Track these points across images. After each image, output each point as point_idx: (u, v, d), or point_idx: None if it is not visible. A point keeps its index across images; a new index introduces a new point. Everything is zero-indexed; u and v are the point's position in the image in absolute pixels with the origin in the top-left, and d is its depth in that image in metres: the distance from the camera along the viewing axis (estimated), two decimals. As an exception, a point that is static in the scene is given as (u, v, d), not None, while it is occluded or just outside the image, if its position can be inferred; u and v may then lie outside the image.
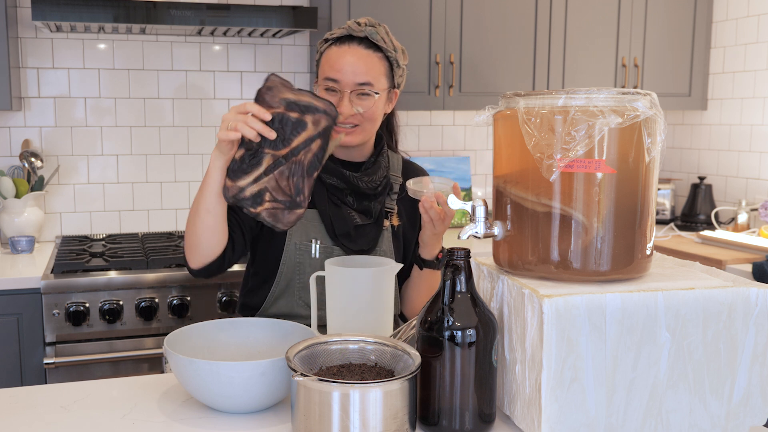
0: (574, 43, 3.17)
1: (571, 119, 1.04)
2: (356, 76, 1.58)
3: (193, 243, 1.51)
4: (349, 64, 1.59)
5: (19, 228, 2.77)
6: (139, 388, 1.30)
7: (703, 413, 1.09)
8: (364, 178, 1.64)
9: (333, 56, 1.61)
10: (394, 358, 1.15)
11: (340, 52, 1.60)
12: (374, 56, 1.61)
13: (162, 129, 3.07)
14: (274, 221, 1.36)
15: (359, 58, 1.59)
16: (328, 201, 1.63)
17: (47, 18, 2.44)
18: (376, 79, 1.60)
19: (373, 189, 1.65)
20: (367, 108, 1.60)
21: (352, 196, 1.64)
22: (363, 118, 1.60)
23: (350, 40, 1.61)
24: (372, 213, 1.65)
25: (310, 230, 1.63)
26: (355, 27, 1.61)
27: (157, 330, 2.45)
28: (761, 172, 3.20)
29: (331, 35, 1.64)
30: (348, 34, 1.61)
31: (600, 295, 1.03)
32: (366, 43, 1.61)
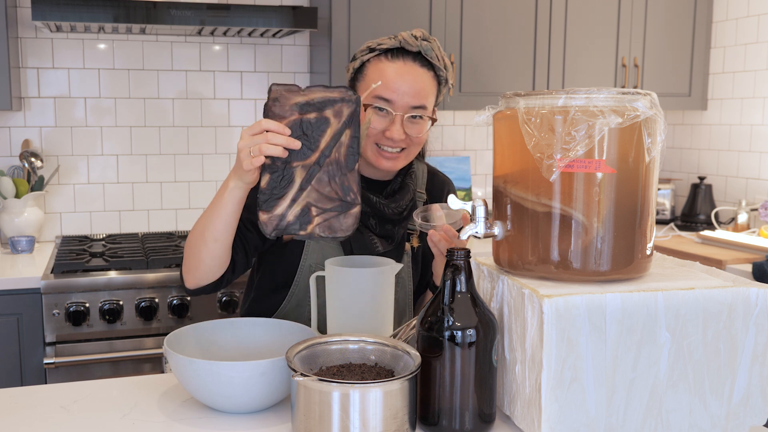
0: (574, 43, 3.17)
1: (571, 119, 1.04)
2: (411, 98, 1.45)
3: (193, 266, 1.41)
4: (406, 84, 1.45)
5: (19, 228, 2.77)
6: (139, 388, 1.30)
7: (703, 413, 1.09)
8: (392, 204, 1.54)
9: (387, 71, 1.46)
10: (394, 358, 1.15)
11: (395, 69, 1.46)
12: (427, 75, 1.48)
13: (162, 129, 3.07)
14: (332, 233, 1.23)
15: (415, 78, 1.46)
16: None
17: (47, 18, 2.44)
18: (428, 100, 1.48)
19: (398, 214, 1.55)
20: (418, 133, 1.48)
21: (375, 219, 1.54)
22: (411, 142, 1.49)
23: (404, 55, 1.47)
24: (395, 238, 1.56)
25: (328, 253, 1.54)
26: (411, 40, 1.47)
27: (157, 330, 2.45)
28: (761, 172, 3.20)
29: (378, 45, 1.49)
30: (400, 47, 1.48)
31: (600, 295, 1.03)
32: (420, 60, 1.47)
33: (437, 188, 1.68)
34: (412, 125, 1.48)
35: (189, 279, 1.43)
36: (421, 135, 1.50)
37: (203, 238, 1.36)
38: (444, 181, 1.71)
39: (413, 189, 1.58)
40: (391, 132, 1.45)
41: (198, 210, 3.15)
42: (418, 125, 1.48)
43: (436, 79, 1.51)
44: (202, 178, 3.14)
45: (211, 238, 1.35)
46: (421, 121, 1.49)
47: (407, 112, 1.46)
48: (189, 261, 1.41)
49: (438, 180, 1.69)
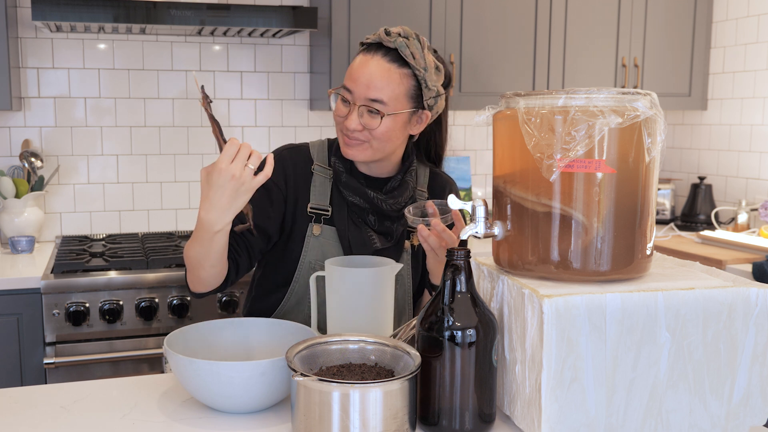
0: (574, 43, 3.17)
1: (571, 119, 1.04)
2: (368, 90, 1.45)
3: (195, 280, 1.46)
4: (365, 76, 1.45)
5: (19, 228, 2.77)
6: (139, 388, 1.30)
7: (703, 413, 1.09)
8: (389, 200, 1.54)
9: (355, 63, 1.49)
10: (394, 358, 1.15)
11: (363, 61, 1.47)
12: (397, 72, 1.46)
13: (162, 129, 3.07)
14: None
15: (378, 71, 1.45)
16: (348, 220, 1.55)
17: (47, 18, 2.44)
18: (391, 97, 1.46)
19: (397, 211, 1.55)
20: (372, 127, 1.47)
21: (374, 216, 1.55)
22: (371, 135, 1.48)
23: (377, 50, 1.48)
24: (393, 235, 1.56)
25: (327, 249, 1.55)
26: (385, 37, 1.47)
27: (157, 330, 2.45)
28: (761, 172, 3.20)
29: (366, 40, 1.52)
30: (378, 42, 1.48)
31: (600, 295, 1.03)
32: (393, 55, 1.47)
33: (439, 187, 1.67)
34: (368, 118, 1.47)
35: (193, 287, 1.49)
36: (378, 129, 1.47)
37: (201, 265, 1.42)
38: (446, 180, 1.71)
39: (412, 186, 1.59)
40: (347, 121, 1.48)
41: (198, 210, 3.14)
42: (374, 119, 1.47)
43: (413, 78, 1.48)
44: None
45: (208, 265, 1.41)
46: (376, 116, 1.47)
47: (363, 103, 1.46)
48: (190, 274, 1.47)
49: (440, 180, 1.68)
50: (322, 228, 1.55)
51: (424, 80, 1.48)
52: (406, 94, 1.48)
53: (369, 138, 1.49)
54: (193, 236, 1.40)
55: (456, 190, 1.73)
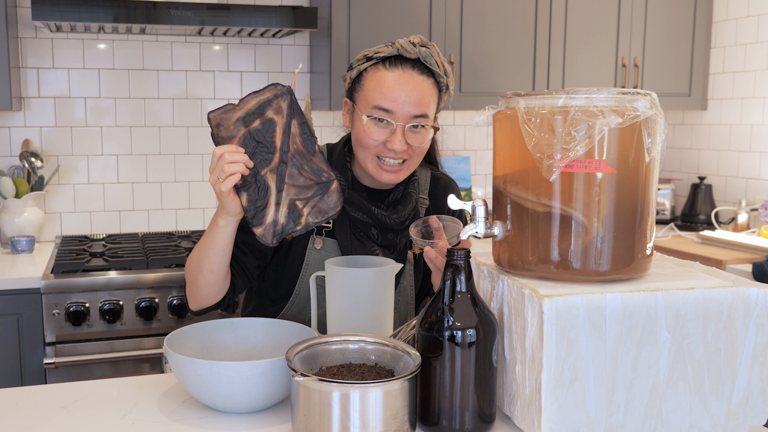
0: (574, 43, 3.17)
1: (571, 119, 1.04)
2: (413, 107, 1.41)
3: (194, 292, 1.45)
4: (406, 93, 1.40)
5: (19, 228, 2.77)
6: (139, 388, 1.30)
7: (703, 413, 1.09)
8: (393, 215, 1.51)
9: (385, 81, 1.41)
10: (394, 358, 1.15)
11: (394, 77, 1.41)
12: (427, 83, 1.44)
13: (162, 129, 3.07)
14: (324, 215, 1.27)
15: (415, 86, 1.41)
16: (350, 234, 1.51)
17: (47, 18, 2.44)
18: (429, 108, 1.44)
19: (401, 224, 1.52)
20: (420, 143, 1.44)
21: (376, 229, 1.52)
22: (413, 152, 1.45)
23: (402, 63, 1.43)
24: (396, 247, 1.54)
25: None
26: (408, 47, 1.43)
27: (157, 330, 2.45)
28: (761, 172, 3.20)
29: (376, 53, 1.45)
30: (398, 54, 1.43)
31: (600, 295, 1.03)
32: (419, 67, 1.43)
33: (440, 193, 1.65)
34: (413, 135, 1.44)
35: (192, 302, 1.49)
36: (423, 145, 1.45)
37: (200, 268, 1.41)
38: (447, 184, 1.68)
39: (415, 198, 1.55)
40: (392, 143, 1.42)
41: (198, 210, 3.15)
42: (420, 135, 1.44)
43: (437, 86, 1.47)
44: (202, 178, 3.14)
45: (207, 269, 1.40)
46: (423, 131, 1.45)
47: (408, 122, 1.42)
48: (190, 287, 1.47)
49: (441, 184, 1.66)
50: (324, 241, 1.52)
51: (446, 86, 1.48)
52: (435, 103, 1.47)
53: (410, 155, 1.45)
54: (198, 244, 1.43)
55: (458, 192, 1.70)
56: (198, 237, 2.96)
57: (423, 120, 1.43)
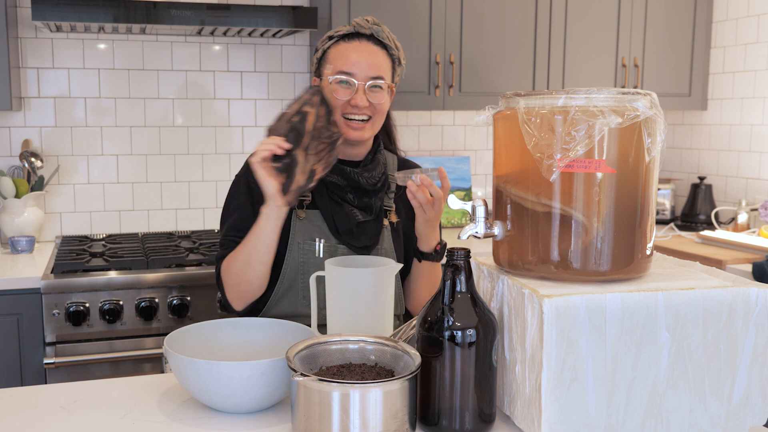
0: (574, 43, 3.17)
1: (571, 119, 1.04)
2: (370, 69, 1.63)
3: (244, 290, 1.57)
4: (364, 58, 1.63)
5: (19, 228, 2.77)
6: (139, 388, 1.30)
7: (703, 413, 1.09)
8: (365, 174, 1.66)
9: (344, 51, 1.65)
10: (394, 358, 1.15)
11: (351, 47, 1.65)
12: (381, 52, 1.66)
13: (162, 129, 3.07)
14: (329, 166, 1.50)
15: (371, 53, 1.65)
16: (329, 199, 1.65)
17: (47, 18, 2.44)
18: (385, 73, 1.65)
19: (373, 185, 1.67)
20: (379, 101, 1.64)
21: (352, 194, 1.66)
22: (375, 110, 1.64)
23: (359, 37, 1.66)
24: (373, 209, 1.67)
25: (313, 230, 1.64)
26: (364, 24, 1.66)
27: (157, 330, 2.45)
28: (761, 172, 3.20)
29: (336, 33, 1.68)
30: (355, 31, 1.66)
31: (600, 295, 1.03)
32: (373, 40, 1.66)
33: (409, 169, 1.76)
34: (372, 93, 1.63)
35: (237, 303, 1.61)
36: (383, 103, 1.65)
37: (249, 263, 1.54)
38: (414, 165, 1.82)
39: (383, 162, 1.72)
40: (355, 100, 1.61)
41: (198, 210, 3.15)
42: (378, 94, 1.64)
43: (390, 58, 1.68)
44: (202, 178, 3.14)
45: (257, 261, 1.53)
46: (381, 91, 1.65)
47: (367, 81, 1.63)
48: (239, 287, 1.58)
49: (408, 165, 1.81)
50: (306, 212, 1.66)
51: (398, 59, 1.70)
52: (389, 70, 1.68)
53: (373, 113, 1.65)
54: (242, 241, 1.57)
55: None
56: (198, 237, 2.96)
57: (380, 81, 1.64)
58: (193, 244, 2.81)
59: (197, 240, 2.89)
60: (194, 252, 2.67)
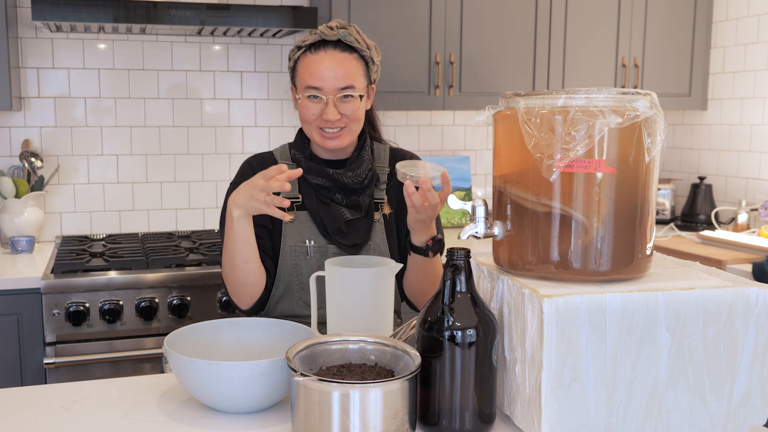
0: (574, 43, 3.17)
1: (571, 119, 1.04)
2: (338, 81, 1.59)
3: (240, 291, 1.59)
4: (329, 70, 1.59)
5: (19, 228, 2.77)
6: (139, 388, 1.30)
7: (703, 413, 1.09)
8: (348, 173, 1.65)
9: (311, 64, 1.60)
10: (394, 358, 1.15)
11: (317, 59, 1.60)
12: (350, 58, 1.62)
13: (162, 129, 3.07)
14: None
15: (338, 62, 1.60)
16: (317, 200, 1.65)
17: (47, 18, 2.44)
18: (355, 80, 1.61)
19: (359, 183, 1.66)
20: (352, 111, 1.61)
21: (339, 193, 1.65)
22: (348, 119, 1.61)
23: (324, 45, 1.61)
24: (362, 207, 1.66)
25: (303, 231, 1.65)
26: (327, 31, 1.61)
27: (157, 330, 2.45)
28: (761, 172, 3.20)
29: (303, 42, 1.63)
30: (321, 39, 1.61)
31: (600, 295, 1.03)
32: (341, 45, 1.61)
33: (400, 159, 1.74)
34: (343, 104, 1.60)
35: (241, 302, 1.62)
36: (356, 112, 1.62)
37: (234, 264, 1.55)
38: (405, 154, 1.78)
39: (368, 159, 1.69)
40: (326, 114, 1.59)
41: (198, 210, 3.15)
42: (350, 104, 1.61)
43: (362, 59, 1.64)
44: (202, 178, 3.14)
45: (241, 261, 1.54)
46: (352, 99, 1.61)
47: (336, 94, 1.59)
48: (234, 288, 1.59)
49: (400, 154, 1.77)
50: (295, 214, 1.66)
51: (371, 58, 1.65)
52: (362, 74, 1.64)
53: (347, 123, 1.62)
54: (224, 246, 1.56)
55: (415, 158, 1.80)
56: (198, 237, 2.96)
57: (350, 90, 1.61)
58: (193, 244, 2.81)
59: (197, 240, 2.89)
60: (194, 252, 2.67)
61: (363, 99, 1.64)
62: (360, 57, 1.63)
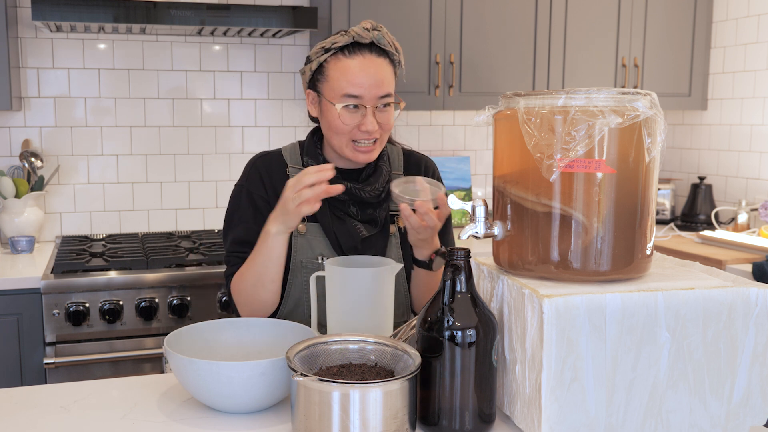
0: (574, 43, 3.17)
1: (571, 119, 1.04)
2: (378, 88, 1.49)
3: (258, 309, 1.53)
4: (370, 77, 1.48)
5: (19, 228, 2.77)
6: (139, 388, 1.30)
7: (703, 413, 1.09)
8: (367, 188, 1.56)
9: (349, 69, 1.49)
10: (394, 358, 1.15)
11: (355, 64, 1.49)
12: (384, 63, 1.52)
13: (162, 129, 3.07)
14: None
15: (377, 69, 1.49)
16: (330, 214, 1.56)
17: (47, 18, 2.44)
18: (391, 87, 1.52)
19: (377, 197, 1.57)
20: (388, 120, 1.52)
21: (355, 206, 1.56)
22: (383, 131, 1.53)
23: (359, 49, 1.50)
24: (377, 221, 1.58)
25: (315, 246, 1.56)
26: (364, 33, 1.50)
27: (157, 330, 2.45)
28: (761, 172, 3.20)
29: (333, 44, 1.51)
30: (354, 41, 1.50)
31: (600, 295, 1.03)
32: (376, 50, 1.51)
33: (413, 166, 1.69)
34: (381, 114, 1.52)
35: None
36: (391, 121, 1.54)
37: (261, 282, 1.49)
38: (420, 158, 1.72)
39: (386, 171, 1.61)
40: (365, 125, 1.49)
41: (198, 210, 3.15)
42: (387, 113, 1.52)
43: (392, 64, 1.55)
44: (202, 178, 3.14)
45: (269, 280, 1.49)
46: (389, 109, 1.53)
47: (376, 103, 1.50)
48: (252, 305, 1.53)
49: (414, 159, 1.70)
50: (307, 226, 1.56)
51: (400, 62, 1.57)
52: (393, 81, 1.55)
53: (381, 134, 1.53)
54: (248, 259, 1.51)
55: (433, 166, 1.73)
56: (198, 237, 2.96)
57: (388, 99, 1.52)
58: (193, 244, 2.81)
59: (197, 240, 2.89)
60: (194, 252, 2.67)
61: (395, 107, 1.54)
62: (390, 62, 1.54)
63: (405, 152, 1.71)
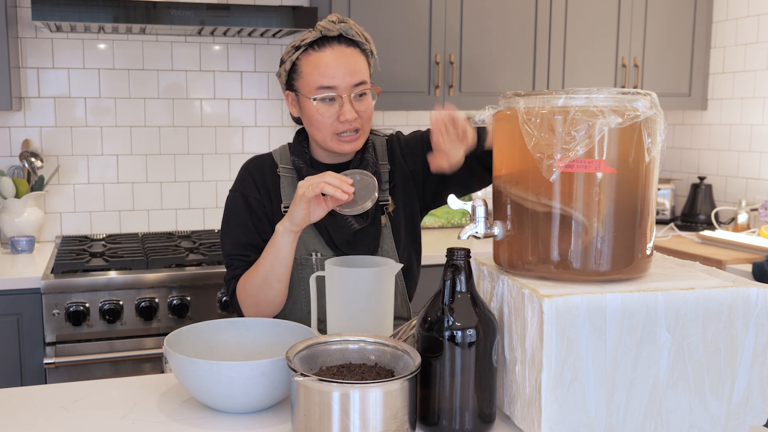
0: (574, 43, 3.17)
1: (571, 119, 1.04)
2: (351, 76, 1.50)
3: (264, 309, 1.53)
4: (341, 66, 1.50)
5: (19, 228, 2.77)
6: (139, 388, 1.30)
7: (703, 413, 1.09)
8: None
9: (319, 62, 1.51)
10: (394, 358, 1.15)
11: (326, 56, 1.51)
12: (355, 52, 1.54)
13: (162, 129, 3.07)
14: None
15: (347, 58, 1.51)
16: None
17: (47, 18, 2.44)
18: (365, 75, 1.54)
19: None
20: (367, 108, 1.54)
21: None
22: (363, 119, 1.54)
23: (328, 42, 1.52)
24: (368, 213, 1.59)
25: (309, 243, 1.58)
26: (330, 26, 1.52)
27: (157, 330, 2.45)
28: (761, 172, 3.20)
29: (302, 41, 1.53)
30: (322, 36, 1.52)
31: (600, 295, 1.03)
32: (344, 41, 1.53)
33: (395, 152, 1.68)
34: (359, 102, 1.53)
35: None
36: (370, 109, 1.55)
37: (268, 282, 1.49)
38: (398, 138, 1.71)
39: (372, 162, 1.62)
40: (344, 114, 1.50)
41: (198, 210, 3.15)
42: (365, 101, 1.54)
43: (363, 54, 1.56)
44: (202, 178, 3.14)
45: (276, 280, 1.49)
46: (366, 97, 1.54)
47: (351, 91, 1.51)
48: (258, 306, 1.53)
49: (393, 142, 1.70)
50: None
51: (371, 51, 1.58)
52: (367, 69, 1.57)
53: (362, 123, 1.54)
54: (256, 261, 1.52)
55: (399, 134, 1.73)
56: (198, 237, 2.96)
57: (364, 87, 1.53)
58: (193, 244, 2.81)
59: (197, 240, 2.89)
60: (194, 252, 2.67)
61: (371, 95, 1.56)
62: (362, 51, 1.56)
63: (386, 140, 1.70)
